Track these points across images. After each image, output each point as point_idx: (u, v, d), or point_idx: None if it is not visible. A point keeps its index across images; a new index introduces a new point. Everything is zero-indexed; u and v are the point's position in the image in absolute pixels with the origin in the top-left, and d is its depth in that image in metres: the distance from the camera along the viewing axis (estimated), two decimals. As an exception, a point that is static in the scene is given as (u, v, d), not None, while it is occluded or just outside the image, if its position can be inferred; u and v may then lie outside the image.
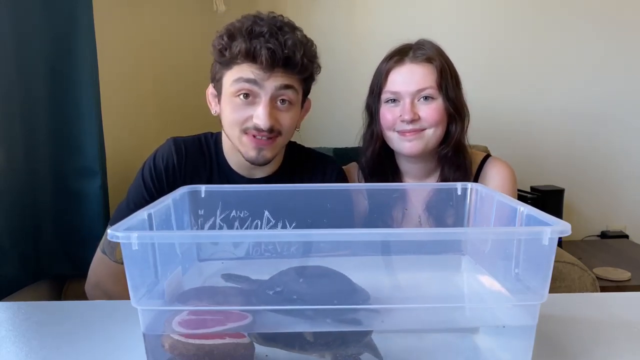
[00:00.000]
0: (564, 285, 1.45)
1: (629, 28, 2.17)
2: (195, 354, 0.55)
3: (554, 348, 0.67)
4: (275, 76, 0.98)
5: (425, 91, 1.10)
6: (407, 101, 1.10)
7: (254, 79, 0.97)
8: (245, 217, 0.84)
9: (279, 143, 1.04)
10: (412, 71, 1.11)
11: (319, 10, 2.10)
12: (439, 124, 1.11)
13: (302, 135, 1.24)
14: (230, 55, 0.98)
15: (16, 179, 1.16)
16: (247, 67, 0.98)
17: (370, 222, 0.88)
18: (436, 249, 0.74)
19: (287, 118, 1.02)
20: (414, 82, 1.10)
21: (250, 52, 0.96)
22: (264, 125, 0.98)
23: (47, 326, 0.76)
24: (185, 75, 1.97)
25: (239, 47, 0.96)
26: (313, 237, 0.59)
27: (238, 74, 0.99)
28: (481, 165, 1.19)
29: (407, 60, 1.12)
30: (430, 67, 1.11)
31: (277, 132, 1.01)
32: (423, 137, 1.11)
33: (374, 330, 0.60)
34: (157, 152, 1.12)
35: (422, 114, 1.10)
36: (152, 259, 0.60)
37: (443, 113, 1.11)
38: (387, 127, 1.14)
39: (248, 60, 0.97)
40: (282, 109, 1.01)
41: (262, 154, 1.01)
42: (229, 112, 1.02)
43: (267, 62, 0.95)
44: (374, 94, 1.17)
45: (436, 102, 1.10)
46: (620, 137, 2.24)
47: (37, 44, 1.20)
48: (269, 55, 0.95)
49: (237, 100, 1.00)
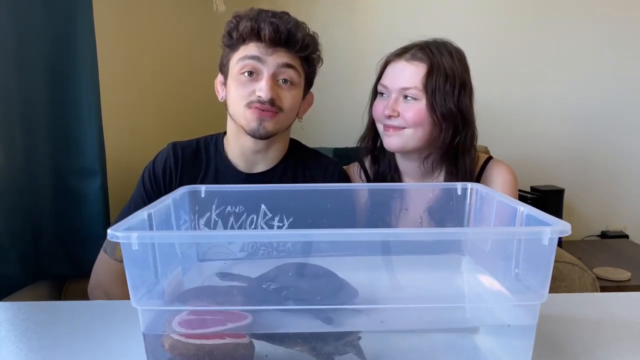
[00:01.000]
0: (564, 285, 1.45)
1: (630, 28, 2.17)
2: (195, 354, 0.55)
3: (554, 348, 0.67)
4: (278, 53, 1.04)
5: (409, 91, 1.10)
6: (392, 97, 1.12)
7: (258, 56, 1.03)
8: (240, 212, 0.85)
9: (281, 119, 1.07)
10: (403, 68, 1.12)
11: (319, 10, 2.10)
12: (419, 126, 1.10)
13: (302, 136, 1.24)
14: (237, 35, 1.05)
15: (16, 179, 1.16)
16: (252, 45, 1.04)
17: (370, 222, 0.88)
18: (436, 249, 0.74)
19: (288, 97, 1.06)
20: (401, 80, 1.11)
21: (254, 29, 1.03)
22: (265, 97, 1.02)
23: (47, 326, 0.76)
24: (186, 75, 1.97)
25: (245, 24, 1.04)
26: (313, 237, 0.59)
27: (243, 53, 1.05)
28: (483, 167, 1.19)
29: (404, 57, 1.13)
30: (422, 67, 1.10)
31: (279, 108, 1.05)
32: (402, 135, 1.11)
33: (359, 331, 0.59)
34: (156, 156, 1.16)
35: (403, 112, 1.10)
36: (152, 259, 0.60)
37: (424, 115, 1.09)
38: (376, 119, 1.17)
39: (253, 38, 1.04)
40: (283, 87, 1.06)
41: (263, 125, 1.04)
42: (234, 90, 1.06)
43: (270, 37, 1.02)
44: (375, 83, 1.18)
45: (418, 103, 1.10)
46: (621, 137, 2.24)
47: (37, 44, 1.20)
48: (272, 29, 1.02)
49: (242, 78, 1.05)
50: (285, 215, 0.89)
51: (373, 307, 0.65)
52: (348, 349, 0.57)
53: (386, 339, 0.61)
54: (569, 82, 2.21)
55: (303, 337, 0.58)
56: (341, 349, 0.57)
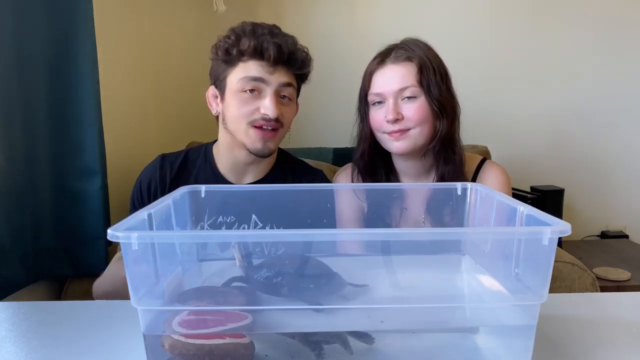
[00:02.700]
0: (564, 285, 1.45)
1: (630, 28, 2.18)
2: (195, 354, 0.55)
3: (554, 348, 0.67)
4: (279, 72, 1.05)
5: (407, 90, 1.10)
6: (390, 102, 1.11)
7: (261, 77, 1.04)
8: (231, 222, 0.85)
9: (280, 135, 1.10)
10: (393, 71, 1.12)
11: (319, 10, 2.10)
12: (424, 123, 1.11)
13: (302, 136, 1.24)
14: (238, 52, 1.04)
15: (16, 179, 1.16)
16: (253, 64, 1.04)
17: (370, 222, 0.87)
18: (436, 249, 0.74)
19: (288, 112, 1.10)
20: (395, 82, 1.11)
21: (258, 48, 1.03)
22: (272, 115, 1.04)
23: (47, 326, 0.76)
24: (186, 75, 1.97)
25: (248, 43, 1.03)
26: (313, 237, 0.59)
27: (244, 73, 1.05)
28: (478, 169, 1.20)
29: (388, 61, 1.13)
30: (411, 65, 1.11)
31: (281, 124, 1.08)
32: (409, 136, 1.11)
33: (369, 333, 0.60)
34: (144, 171, 1.17)
35: (406, 113, 1.10)
36: (152, 259, 0.60)
37: (427, 111, 1.11)
38: (376, 129, 1.15)
39: (255, 57, 1.04)
40: (284, 103, 1.09)
41: (267, 145, 1.07)
42: (235, 107, 1.06)
43: (274, 58, 1.03)
44: (361, 97, 1.18)
45: (419, 100, 1.11)
46: (620, 137, 2.24)
47: (38, 44, 1.21)
48: (276, 50, 1.03)
49: (244, 95, 1.06)
50: (276, 224, 0.90)
51: (373, 307, 0.65)
52: (335, 340, 0.58)
53: (386, 338, 0.61)
54: (569, 82, 2.21)
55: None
56: (330, 339, 0.59)
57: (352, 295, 0.65)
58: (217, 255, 0.77)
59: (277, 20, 1.26)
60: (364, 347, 0.59)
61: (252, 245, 0.71)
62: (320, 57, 1.12)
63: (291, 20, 2.07)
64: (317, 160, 1.74)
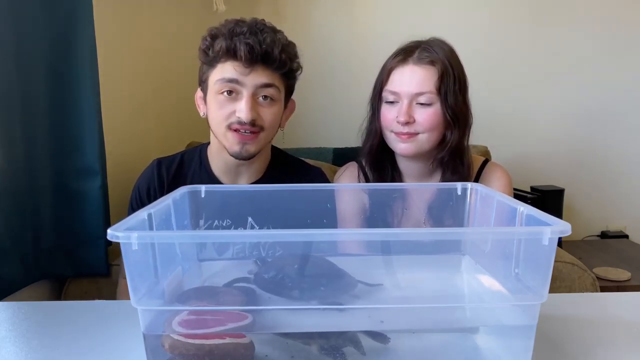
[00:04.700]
0: (564, 285, 1.45)
1: (629, 28, 2.18)
2: (195, 354, 0.55)
3: (554, 348, 0.67)
4: (256, 73, 1.02)
5: (423, 95, 1.09)
6: (405, 103, 1.09)
7: (235, 78, 1.02)
8: (227, 225, 0.85)
9: (262, 138, 1.06)
10: (413, 73, 1.10)
11: (319, 10, 2.10)
12: (434, 130, 1.10)
13: (302, 136, 1.24)
14: (213, 54, 1.03)
15: (16, 179, 1.16)
16: (229, 65, 1.02)
17: (370, 222, 0.87)
18: (436, 249, 0.74)
19: (269, 114, 1.05)
20: (413, 85, 1.09)
21: (230, 49, 1.00)
22: (245, 118, 1.01)
23: (47, 326, 0.76)
24: (185, 75, 1.97)
25: (220, 44, 1.01)
26: (313, 237, 0.59)
27: (221, 74, 1.03)
28: (480, 170, 1.19)
29: (411, 60, 1.11)
30: (433, 70, 1.09)
31: (260, 127, 1.04)
32: (417, 140, 1.10)
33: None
34: (141, 175, 1.16)
35: (418, 117, 1.09)
36: (152, 259, 0.60)
37: (440, 119, 1.09)
38: (385, 127, 1.14)
39: (229, 58, 1.02)
40: (264, 105, 1.05)
41: (245, 148, 1.04)
42: (214, 110, 1.05)
43: (246, 58, 1.00)
44: (376, 90, 1.16)
45: (433, 107, 1.09)
46: (620, 137, 2.24)
47: (38, 44, 1.20)
48: (247, 50, 0.99)
49: (221, 97, 1.04)
50: (274, 225, 0.88)
51: (373, 307, 0.65)
52: (348, 343, 0.58)
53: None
54: (569, 82, 2.21)
55: (309, 335, 0.59)
56: (342, 343, 0.58)
57: (364, 294, 0.65)
58: (216, 257, 0.77)
59: (277, 20, 1.25)
60: (370, 347, 0.59)
61: (250, 247, 0.71)
62: (320, 57, 1.11)
63: (291, 20, 2.07)
64: (317, 160, 1.73)
